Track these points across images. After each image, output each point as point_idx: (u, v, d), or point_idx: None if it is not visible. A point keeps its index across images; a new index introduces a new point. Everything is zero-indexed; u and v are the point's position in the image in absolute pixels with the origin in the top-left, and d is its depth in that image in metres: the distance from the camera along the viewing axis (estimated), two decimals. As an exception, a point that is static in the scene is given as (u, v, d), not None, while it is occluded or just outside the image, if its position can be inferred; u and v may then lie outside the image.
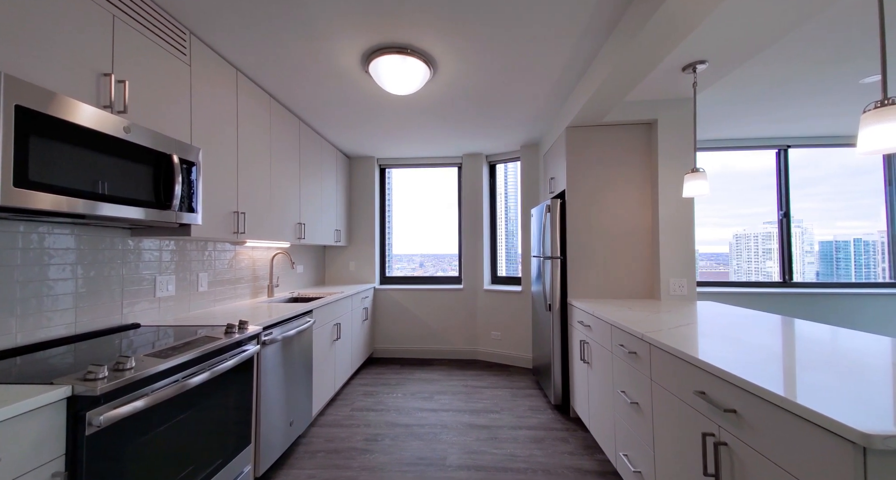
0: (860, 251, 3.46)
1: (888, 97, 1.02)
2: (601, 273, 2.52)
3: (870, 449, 0.66)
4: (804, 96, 2.42)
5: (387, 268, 4.14)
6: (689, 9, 1.28)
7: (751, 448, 0.91)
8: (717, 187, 3.59)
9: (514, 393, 2.88)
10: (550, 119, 2.85)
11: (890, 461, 0.65)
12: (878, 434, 0.64)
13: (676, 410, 1.23)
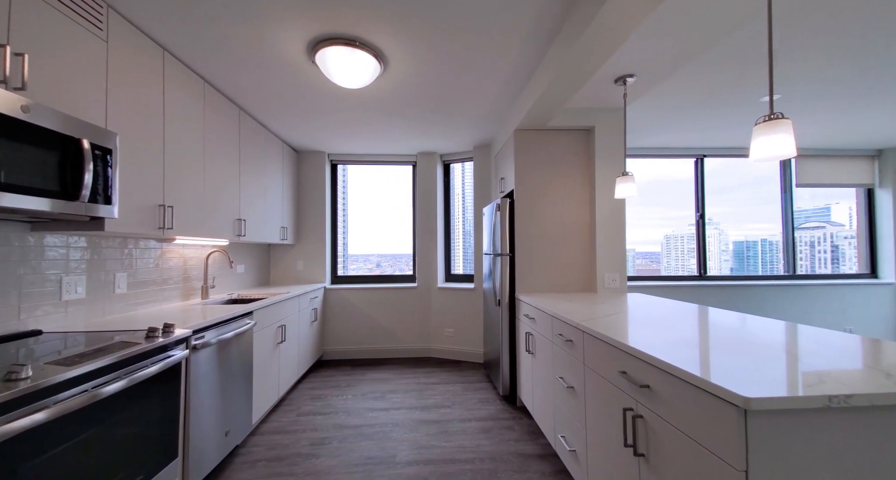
0: (765, 249, 4.03)
1: (774, 112, 1.20)
2: (546, 269, 2.67)
3: (749, 410, 0.78)
4: (716, 111, 2.76)
5: (340, 268, 4.01)
6: (619, 22, 1.41)
7: (661, 419, 1.02)
8: (652, 192, 3.97)
9: (466, 387, 2.94)
10: (500, 121, 2.96)
11: (764, 419, 0.78)
12: (754, 397, 0.76)
13: (604, 390, 1.35)
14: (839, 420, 0.78)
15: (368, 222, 4.18)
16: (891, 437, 0.79)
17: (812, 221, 4.14)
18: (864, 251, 3.95)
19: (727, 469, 0.80)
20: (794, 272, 3.87)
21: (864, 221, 3.95)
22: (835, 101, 2.60)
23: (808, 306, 3.71)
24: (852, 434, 0.78)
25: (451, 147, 3.68)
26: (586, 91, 2.28)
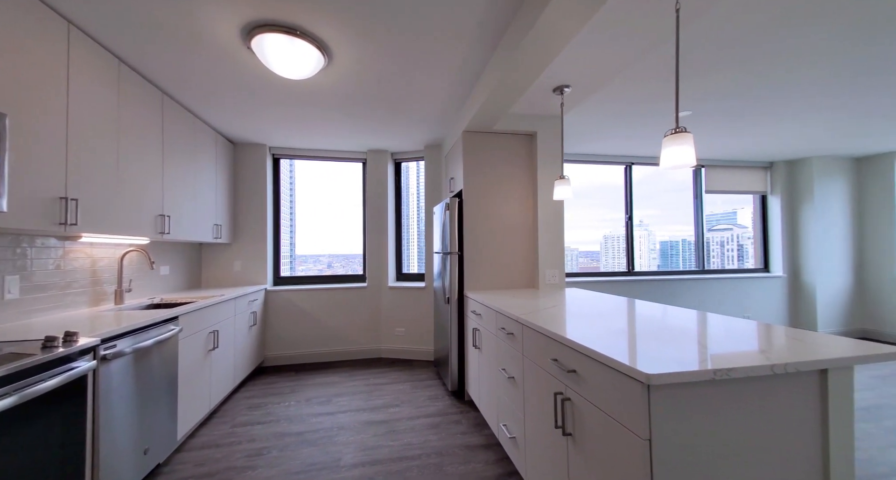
0: (686, 248, 4.54)
1: (679, 126, 1.37)
2: (493, 266, 2.77)
3: (651, 386, 0.88)
4: (642, 123, 3.07)
5: (284, 269, 3.80)
6: (554, 34, 1.51)
7: (585, 400, 1.12)
8: (593, 195, 4.29)
9: (415, 386, 2.95)
10: (450, 122, 3.01)
11: (663, 392, 0.89)
12: (654, 373, 0.86)
13: (539, 378, 1.44)
14: (723, 390, 0.92)
15: (319, 221, 4.02)
16: (761, 400, 0.94)
17: (722, 223, 4.78)
18: (759, 249, 4.62)
19: (635, 439, 0.91)
20: (704, 267, 4.42)
21: (759, 223, 4.63)
22: (736, 120, 3.02)
23: (717, 297, 4.26)
24: (732, 400, 0.92)
25: (403, 145, 3.67)
26: (529, 98, 2.40)
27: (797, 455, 0.96)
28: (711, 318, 1.50)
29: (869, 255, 4.26)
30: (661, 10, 1.48)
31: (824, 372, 0.97)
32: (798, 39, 1.85)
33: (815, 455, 0.97)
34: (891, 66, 2.13)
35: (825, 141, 3.64)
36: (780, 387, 0.95)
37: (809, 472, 0.97)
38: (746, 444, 0.93)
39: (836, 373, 0.97)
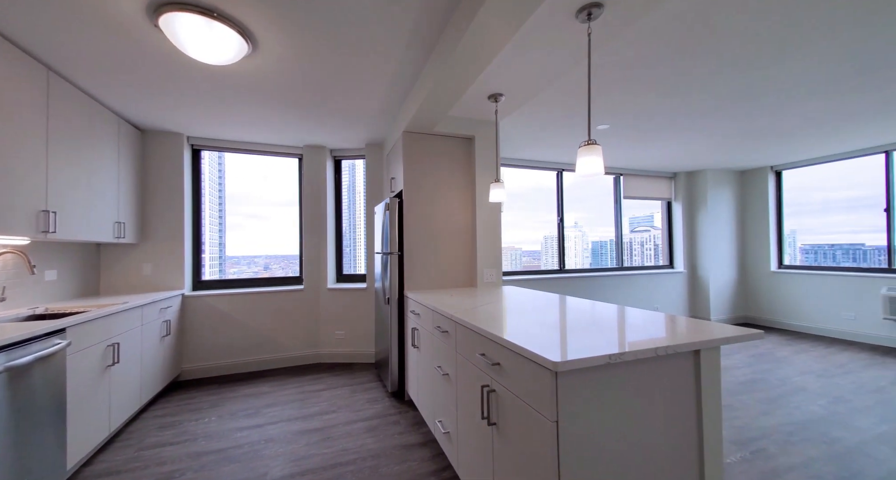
0: (613, 248, 5.01)
1: (590, 139, 1.52)
2: (433, 266, 2.81)
3: (559, 372, 0.98)
4: (568, 133, 3.33)
5: (213, 270, 3.46)
6: (484, 40, 1.59)
7: (507, 390, 1.20)
8: (536, 198, 4.57)
9: (354, 390, 2.88)
10: (390, 121, 2.99)
11: (568, 377, 0.99)
12: (560, 361, 0.95)
13: (470, 372, 1.50)
14: (618, 373, 1.05)
15: (255, 220, 3.74)
16: (649, 379, 1.09)
17: (643, 226, 5.39)
18: (665, 248, 5.28)
19: (545, 422, 1.00)
20: (622, 265, 4.93)
21: (665, 226, 5.29)
22: (645, 134, 3.42)
23: (634, 291, 4.78)
24: (625, 379, 1.06)
25: (343, 142, 3.56)
26: (467, 103, 2.48)
27: (679, 423, 1.13)
28: (619, 310, 1.69)
29: (749, 253, 5.09)
30: (578, 33, 1.63)
31: (697, 352, 1.15)
32: (689, 66, 2.16)
33: (692, 422, 1.15)
34: (762, 93, 2.57)
35: (715, 156, 4.28)
36: (664, 367, 1.11)
37: (688, 437, 1.14)
38: (638, 417, 1.07)
39: (706, 353, 1.15)
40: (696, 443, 1.14)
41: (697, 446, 1.14)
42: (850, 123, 3.17)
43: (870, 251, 4.12)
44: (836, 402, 2.54)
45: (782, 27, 1.77)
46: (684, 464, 1.13)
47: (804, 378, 3.01)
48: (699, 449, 1.14)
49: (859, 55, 2.04)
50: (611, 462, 1.03)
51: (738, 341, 1.17)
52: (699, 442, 1.15)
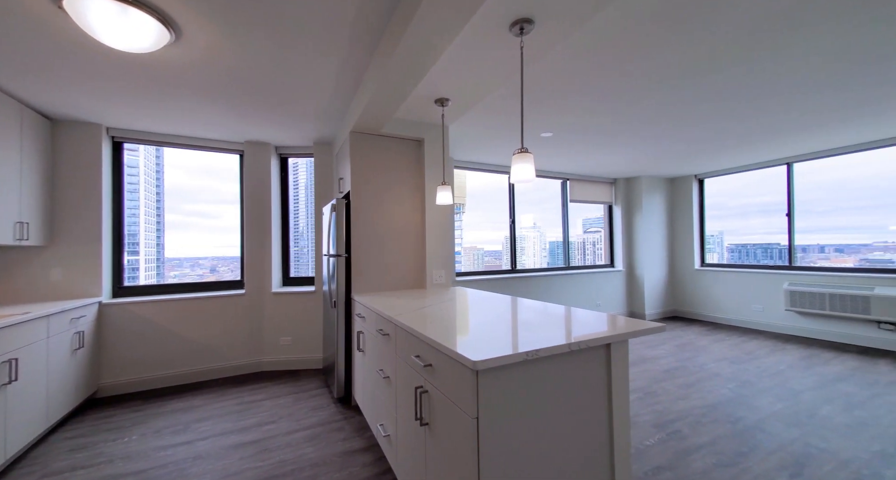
0: (571, 247, 5.28)
1: (522, 147, 1.60)
2: (381, 269, 2.79)
3: (479, 371, 1.02)
4: (512, 138, 3.46)
5: (150, 274, 3.16)
6: (423, 49, 1.61)
7: (438, 390, 1.23)
8: (498, 199, 4.70)
9: (298, 398, 2.78)
10: (337, 120, 2.93)
11: (488, 375, 1.04)
12: (480, 360, 1.00)
13: (407, 374, 1.52)
14: (535, 367, 1.12)
15: (201, 218, 3.48)
16: (565, 372, 1.17)
17: (594, 227, 5.73)
18: (607, 249, 5.66)
19: (467, 419, 1.04)
20: (569, 264, 5.22)
21: (607, 228, 5.67)
22: (587, 142, 3.65)
23: (579, 289, 5.07)
24: (540, 375, 1.13)
25: (289, 140, 3.42)
26: (415, 106, 2.50)
27: (591, 412, 1.22)
28: (552, 308, 1.79)
29: (677, 253, 5.61)
30: (513, 46, 1.71)
31: (608, 346, 1.25)
32: (618, 83, 2.34)
33: (603, 411, 1.25)
34: (685, 109, 2.85)
35: (648, 165, 4.68)
36: (577, 360, 1.20)
37: (600, 424, 1.24)
38: (556, 408, 1.15)
39: (616, 346, 1.26)
40: (607, 429, 1.25)
41: (608, 431, 1.25)
42: (760, 138, 3.61)
43: (782, 250, 4.71)
44: (742, 385, 2.88)
45: (698, 51, 1.98)
46: (597, 449, 1.23)
47: (718, 364, 3.38)
48: (609, 435, 1.25)
49: (766, 79, 2.33)
50: (530, 453, 1.09)
51: (642, 334, 1.29)
52: (609, 428, 1.25)
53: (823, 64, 2.13)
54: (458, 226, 5.08)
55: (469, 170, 4.54)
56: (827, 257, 4.29)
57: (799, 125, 3.21)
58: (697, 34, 1.81)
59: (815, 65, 2.13)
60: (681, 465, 1.86)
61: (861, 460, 1.86)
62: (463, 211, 5.05)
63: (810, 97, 2.60)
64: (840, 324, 3.96)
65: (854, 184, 4.00)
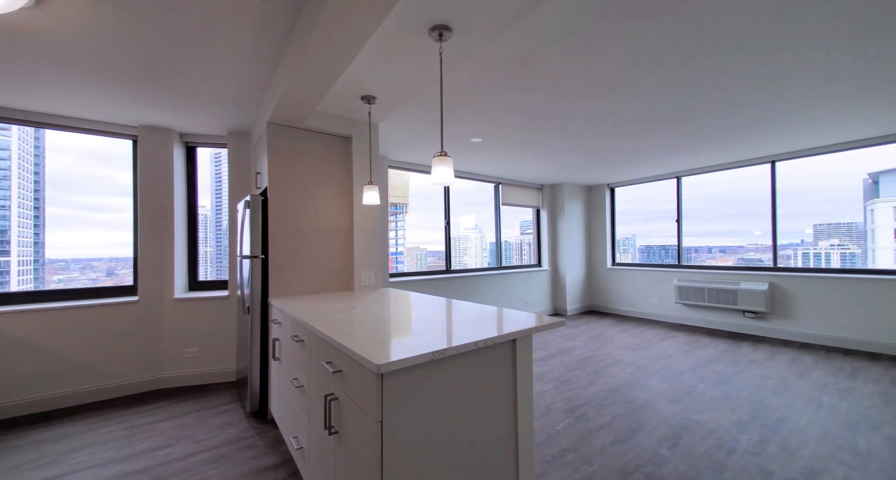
0: (508, 248, 5.49)
1: (442, 151, 1.63)
2: (304, 270, 2.63)
3: (384, 374, 1.01)
4: (446, 140, 3.53)
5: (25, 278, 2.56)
6: (337, 45, 1.55)
7: (347, 397, 1.19)
8: (441, 200, 4.69)
9: (204, 416, 2.49)
10: (253, 109, 2.70)
11: (394, 378, 1.03)
12: (383, 363, 0.99)
13: (320, 382, 1.45)
14: (443, 367, 1.14)
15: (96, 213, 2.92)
16: (473, 370, 1.21)
17: (529, 229, 6.06)
18: (535, 249, 6.05)
19: (371, 423, 1.02)
20: (501, 264, 5.47)
21: (535, 230, 6.07)
22: (514, 149, 3.85)
23: (510, 288, 5.33)
24: (449, 374, 1.15)
25: (197, 126, 3.06)
26: (341, 101, 2.40)
27: (498, 405, 1.29)
28: (472, 308, 1.85)
29: (593, 254, 6.20)
30: (434, 50, 1.73)
31: (514, 341, 1.33)
32: (533, 96, 2.51)
33: (510, 403, 1.33)
34: (593, 124, 3.15)
35: (569, 173, 5.11)
36: (486, 357, 1.25)
37: (505, 417, 1.31)
38: (464, 405, 1.18)
39: (521, 342, 1.35)
40: (512, 420, 1.32)
41: (513, 422, 1.32)
42: (654, 155, 4.15)
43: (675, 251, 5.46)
44: (639, 369, 3.27)
45: (600, 72, 2.20)
46: (503, 440, 1.29)
47: (622, 352, 3.81)
48: (514, 425, 1.32)
49: (656, 104, 2.67)
50: (438, 451, 1.11)
51: (546, 329, 1.39)
52: (514, 419, 1.33)
53: (705, 93, 2.52)
54: (402, 225, 5.05)
55: (412, 172, 4.52)
56: (714, 257, 5.09)
57: (685, 144, 3.76)
58: (599, 56, 2.01)
59: (697, 94, 2.52)
60: (584, 445, 2.05)
61: (724, 428, 2.23)
62: (406, 211, 5.01)
63: (694, 121, 3.06)
64: (716, 314, 4.73)
65: (733, 196, 4.80)
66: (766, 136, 3.52)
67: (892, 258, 3.73)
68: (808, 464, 1.84)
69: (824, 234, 4.23)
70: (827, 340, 3.88)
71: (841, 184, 4.05)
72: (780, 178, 4.30)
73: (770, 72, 2.21)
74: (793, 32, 1.81)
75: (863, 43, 1.90)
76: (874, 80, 2.33)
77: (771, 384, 2.89)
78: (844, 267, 4.03)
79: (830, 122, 3.15)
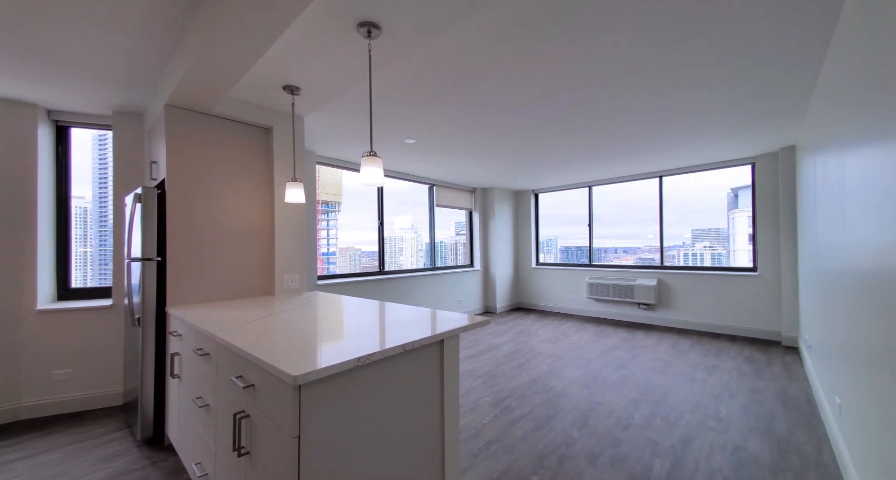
0: (443, 249, 5.50)
1: (371, 150, 1.59)
2: (215, 274, 2.35)
3: (302, 385, 0.95)
4: (377, 139, 3.46)
5: None
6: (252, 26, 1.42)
7: (260, 413, 1.09)
8: (375, 199, 4.51)
9: (81, 449, 2.08)
10: (149, 88, 2.33)
11: (313, 388, 0.98)
12: (301, 374, 0.93)
13: (229, 400, 1.31)
14: (368, 373, 1.11)
15: None
16: (401, 373, 1.21)
17: (463, 230, 6.18)
18: (468, 250, 6.25)
19: (287, 439, 0.95)
20: (435, 265, 5.54)
21: (468, 232, 6.27)
22: (446, 152, 3.93)
23: (444, 288, 5.42)
24: (376, 379, 1.13)
25: (72, 103, 2.53)
26: (260, 88, 2.19)
27: (426, 406, 1.30)
28: (402, 311, 1.84)
29: (520, 254, 6.62)
30: (364, 47, 1.68)
31: (441, 342, 1.36)
32: (460, 103, 2.59)
33: (437, 402, 1.35)
34: (515, 135, 3.36)
35: (498, 178, 5.38)
36: (413, 360, 1.25)
37: (433, 415, 1.33)
38: (391, 409, 1.17)
39: (448, 342, 1.38)
40: (439, 419, 1.35)
41: (440, 421, 1.35)
42: (571, 166, 4.58)
43: (586, 251, 6.07)
44: (557, 360, 3.59)
45: (524, 88, 2.35)
46: (430, 440, 1.31)
47: (543, 344, 4.13)
48: (441, 424, 1.35)
49: (573, 117, 2.94)
50: (362, 462, 1.08)
51: (473, 328, 1.45)
52: (441, 417, 1.36)
53: (606, 115, 2.85)
54: (334, 225, 4.82)
55: (345, 169, 4.31)
56: (618, 257, 5.78)
57: (595, 158, 4.23)
58: (511, 75, 2.16)
59: (600, 116, 2.84)
60: (507, 436, 2.17)
61: (622, 407, 2.55)
62: (339, 209, 4.79)
63: (600, 138, 3.45)
64: (618, 307, 5.39)
65: (633, 204, 5.50)
66: (655, 155, 4.13)
67: (747, 257, 4.65)
68: (684, 433, 2.20)
69: (699, 238, 5.11)
70: (699, 326, 4.69)
71: (712, 196, 4.93)
72: (667, 190, 5.08)
73: (658, 101, 2.59)
74: (676, 72, 2.15)
75: (726, 88, 2.35)
76: (735, 116, 2.89)
77: (658, 365, 3.40)
78: (713, 265, 4.91)
79: (704, 146, 3.82)
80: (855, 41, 1.45)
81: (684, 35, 1.79)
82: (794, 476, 1.78)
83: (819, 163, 2.40)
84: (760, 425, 2.27)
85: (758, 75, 2.22)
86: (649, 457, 1.95)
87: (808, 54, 1.98)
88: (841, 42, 1.67)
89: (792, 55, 1.99)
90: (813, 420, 2.30)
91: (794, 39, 1.84)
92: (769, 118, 2.98)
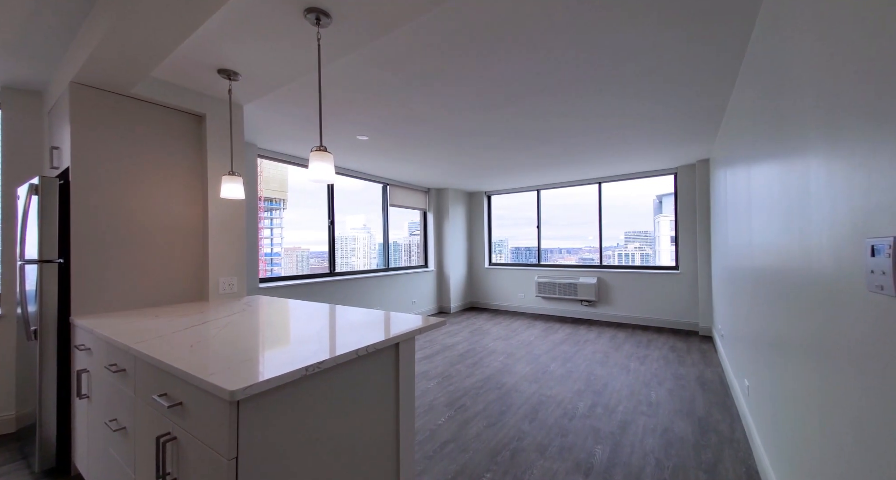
0: (396, 249, 5.37)
1: (321, 145, 1.50)
2: (134, 278, 2.06)
3: (240, 401, 0.86)
4: (330, 135, 3.30)
5: None
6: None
7: (189, 434, 0.97)
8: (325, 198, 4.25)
9: (-55, 495, 1.70)
10: (50, 61, 1.99)
11: (253, 403, 0.89)
12: (238, 388, 0.84)
13: (151, 421, 1.15)
14: (318, 382, 1.04)
15: None
16: (355, 378, 1.15)
17: (417, 230, 6.09)
18: (422, 251, 6.22)
19: (222, 462, 0.86)
20: (389, 266, 5.43)
21: (422, 232, 6.24)
22: (401, 150, 3.86)
23: (397, 290, 5.33)
24: (324, 388, 1.07)
25: (-63, 72, 2.07)
26: (191, 70, 1.97)
27: (381, 411, 1.25)
28: (353, 314, 1.76)
29: (474, 254, 6.75)
30: (312, 35, 1.58)
31: (397, 345, 1.32)
32: (413, 102, 2.57)
33: (392, 407, 1.31)
34: (474, 135, 3.40)
35: (452, 179, 5.43)
36: (368, 364, 1.20)
37: (387, 420, 1.29)
38: (344, 420, 1.11)
39: (404, 345, 1.35)
40: (394, 424, 1.31)
41: (395, 425, 1.31)
42: (520, 170, 4.76)
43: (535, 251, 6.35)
44: (508, 357, 3.70)
45: (471, 92, 2.38)
46: (385, 447, 1.27)
47: (496, 342, 4.24)
48: (396, 427, 1.31)
49: (520, 123, 3.05)
50: (310, 476, 1.01)
51: (428, 330, 1.43)
52: (396, 421, 1.32)
53: (549, 123, 2.99)
54: (279, 223, 4.51)
55: (291, 164, 4.04)
56: (563, 257, 6.11)
57: (542, 164, 4.44)
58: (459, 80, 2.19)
59: (543, 125, 2.98)
60: (461, 435, 2.19)
61: (568, 399, 2.69)
62: (284, 207, 4.49)
63: (545, 145, 3.62)
64: (563, 304, 5.72)
65: (577, 207, 5.86)
66: (594, 163, 4.45)
67: (670, 257, 5.19)
68: (622, 419, 2.38)
69: (631, 239, 5.60)
70: (632, 320, 5.14)
71: (641, 201, 5.44)
72: (605, 195, 5.50)
73: (596, 113, 2.78)
74: (611, 88, 2.32)
75: (652, 105, 2.59)
76: (659, 131, 3.20)
77: (599, 357, 3.65)
78: (643, 264, 5.40)
79: (635, 156, 4.18)
80: (759, 69, 1.68)
81: (622, 57, 1.93)
82: (712, 452, 2.01)
83: (729, 174, 2.75)
84: (684, 407, 2.53)
85: (681, 96, 2.48)
86: (592, 444, 2.08)
87: (722, 80, 2.25)
88: (748, 69, 1.92)
89: (705, 81, 2.25)
90: (727, 401, 2.63)
91: (707, 69, 2.08)
92: (688, 133, 3.35)
